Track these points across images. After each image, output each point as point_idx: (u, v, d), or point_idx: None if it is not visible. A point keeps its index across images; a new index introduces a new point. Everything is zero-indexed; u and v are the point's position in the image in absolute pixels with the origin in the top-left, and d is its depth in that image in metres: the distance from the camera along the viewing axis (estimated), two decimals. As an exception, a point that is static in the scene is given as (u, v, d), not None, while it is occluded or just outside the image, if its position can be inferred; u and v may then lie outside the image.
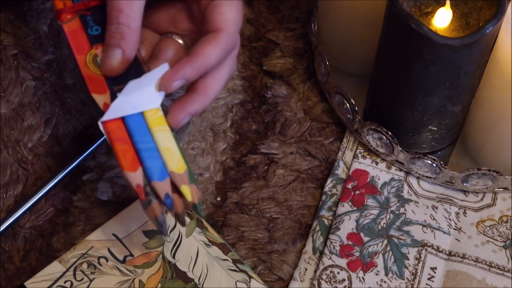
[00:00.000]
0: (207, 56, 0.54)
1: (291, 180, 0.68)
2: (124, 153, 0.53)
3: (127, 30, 0.54)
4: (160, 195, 0.52)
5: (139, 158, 0.53)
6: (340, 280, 0.63)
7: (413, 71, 0.59)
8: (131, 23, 0.54)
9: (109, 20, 0.54)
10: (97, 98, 0.54)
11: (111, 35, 0.54)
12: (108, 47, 0.54)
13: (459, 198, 0.67)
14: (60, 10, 0.57)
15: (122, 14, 0.54)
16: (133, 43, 0.54)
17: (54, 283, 0.60)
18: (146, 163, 0.53)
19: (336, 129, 0.70)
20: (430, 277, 0.63)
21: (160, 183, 0.52)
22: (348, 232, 0.65)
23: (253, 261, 0.64)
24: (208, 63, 0.54)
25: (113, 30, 0.54)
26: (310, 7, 0.75)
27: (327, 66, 0.68)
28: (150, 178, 0.52)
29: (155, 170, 0.52)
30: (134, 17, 0.54)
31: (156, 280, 0.61)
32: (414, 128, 0.65)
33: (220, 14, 0.55)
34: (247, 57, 0.74)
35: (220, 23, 0.55)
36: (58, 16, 0.57)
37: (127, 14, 0.54)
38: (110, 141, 0.53)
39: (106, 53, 0.55)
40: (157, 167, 0.53)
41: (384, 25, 0.60)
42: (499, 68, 0.59)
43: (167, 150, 0.53)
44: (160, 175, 0.52)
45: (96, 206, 0.66)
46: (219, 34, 0.54)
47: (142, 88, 0.54)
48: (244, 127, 0.71)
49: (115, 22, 0.54)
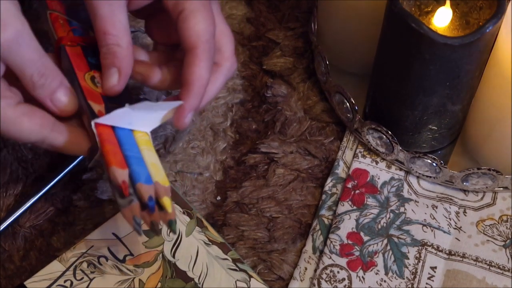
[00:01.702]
0: (200, 78, 0.55)
1: (291, 180, 0.68)
2: (113, 152, 0.53)
3: (118, 49, 0.55)
4: (143, 197, 0.52)
5: (126, 162, 0.53)
6: (340, 279, 0.63)
7: (413, 70, 0.59)
8: (119, 42, 0.55)
9: (99, 43, 0.55)
10: (93, 105, 0.55)
11: (104, 56, 0.55)
12: (104, 69, 0.55)
13: (459, 197, 0.67)
14: (62, 37, 0.58)
15: (109, 36, 0.55)
16: (127, 59, 0.55)
17: (54, 283, 0.60)
18: (133, 167, 0.53)
19: (336, 128, 0.70)
20: (430, 276, 0.63)
21: (146, 185, 0.52)
22: (348, 232, 0.65)
23: (253, 260, 0.64)
24: (204, 82, 0.55)
25: (105, 51, 0.55)
26: (310, 6, 0.75)
27: (327, 65, 0.68)
28: (136, 180, 0.53)
29: (142, 174, 0.53)
30: (121, 35, 0.55)
31: (156, 280, 0.61)
32: (414, 128, 0.65)
33: (189, 29, 0.55)
34: (247, 57, 0.74)
35: (192, 38, 0.55)
36: (59, 41, 0.58)
37: (113, 34, 0.54)
38: (100, 141, 0.54)
39: (104, 75, 0.56)
40: (143, 172, 0.53)
41: (384, 25, 0.60)
42: (499, 67, 0.59)
43: (153, 165, 0.54)
44: (146, 179, 0.53)
45: (96, 205, 0.66)
46: (196, 51, 0.55)
47: (150, 111, 0.55)
48: (244, 127, 0.71)
49: (104, 45, 0.55)
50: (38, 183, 0.67)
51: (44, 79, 0.54)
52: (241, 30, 0.75)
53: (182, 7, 0.55)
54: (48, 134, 0.54)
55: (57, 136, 0.55)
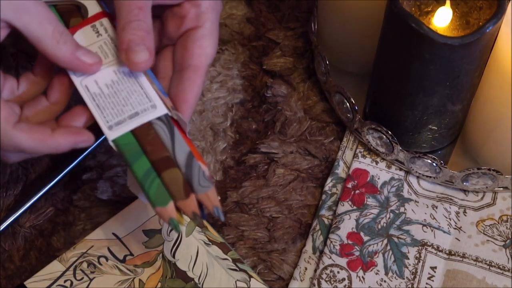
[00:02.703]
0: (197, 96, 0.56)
1: (291, 180, 0.68)
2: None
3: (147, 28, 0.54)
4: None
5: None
6: (340, 279, 0.63)
7: (413, 70, 0.59)
8: (149, 22, 0.54)
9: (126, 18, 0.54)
10: None
11: (132, 32, 0.54)
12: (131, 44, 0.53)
13: (459, 197, 0.67)
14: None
15: (142, 12, 0.54)
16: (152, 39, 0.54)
17: (54, 283, 0.60)
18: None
19: (336, 128, 0.70)
20: (430, 276, 0.63)
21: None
22: (348, 232, 0.65)
23: (253, 260, 0.64)
24: (197, 96, 0.56)
25: (135, 27, 0.54)
26: (310, 6, 0.75)
27: (327, 65, 0.68)
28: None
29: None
30: (150, 17, 0.54)
31: (156, 280, 0.61)
32: (414, 128, 0.65)
33: (201, 48, 0.56)
34: (247, 57, 0.74)
35: (200, 58, 0.56)
36: None
37: (146, 12, 0.54)
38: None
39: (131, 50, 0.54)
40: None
41: (384, 25, 0.60)
42: (499, 67, 0.59)
43: None
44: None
45: (96, 205, 0.66)
46: (198, 72, 0.56)
47: None
48: (244, 127, 0.71)
49: (135, 20, 0.54)
50: (38, 183, 0.67)
51: (65, 36, 0.53)
52: (241, 30, 0.75)
53: (203, 23, 0.56)
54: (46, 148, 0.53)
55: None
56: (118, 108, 0.53)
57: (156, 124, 0.53)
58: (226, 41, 0.74)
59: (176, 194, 0.51)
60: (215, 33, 0.57)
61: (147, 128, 0.53)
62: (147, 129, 0.53)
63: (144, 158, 0.52)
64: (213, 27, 0.57)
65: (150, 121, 0.53)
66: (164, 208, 0.51)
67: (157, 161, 0.52)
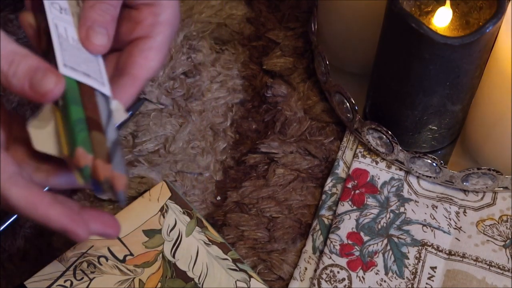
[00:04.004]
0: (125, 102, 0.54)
1: (291, 180, 0.68)
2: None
3: (114, 13, 0.53)
4: None
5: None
6: (340, 279, 0.63)
7: (413, 70, 0.59)
8: (116, 11, 0.53)
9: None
10: None
11: (100, 13, 0.52)
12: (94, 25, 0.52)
13: (459, 197, 0.67)
14: None
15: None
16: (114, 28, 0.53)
17: (54, 282, 0.60)
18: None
19: (336, 128, 0.70)
20: (430, 276, 0.63)
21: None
22: (348, 232, 0.65)
23: (253, 260, 0.64)
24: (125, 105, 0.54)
25: (104, 9, 0.52)
26: (310, 6, 0.75)
27: (327, 65, 0.68)
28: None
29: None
30: (119, 8, 0.53)
31: (156, 280, 0.61)
32: (414, 128, 0.65)
33: (146, 60, 0.54)
34: (247, 57, 0.74)
35: (141, 68, 0.54)
36: None
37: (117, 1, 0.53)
38: None
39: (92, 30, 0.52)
40: None
41: (384, 25, 0.60)
42: (499, 67, 0.59)
43: None
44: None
45: (96, 205, 0.66)
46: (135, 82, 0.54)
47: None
48: (244, 127, 0.71)
49: (106, 2, 0.52)
50: (38, 183, 0.67)
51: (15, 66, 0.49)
52: (241, 30, 0.75)
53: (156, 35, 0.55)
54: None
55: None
56: (76, 60, 0.52)
57: (99, 97, 0.52)
58: (226, 41, 0.74)
59: (99, 154, 0.49)
60: (164, 48, 0.55)
61: (91, 93, 0.51)
62: (91, 94, 0.51)
63: (81, 109, 0.50)
64: (164, 42, 0.55)
65: (96, 90, 0.52)
66: (85, 153, 0.49)
67: (91, 119, 0.50)
